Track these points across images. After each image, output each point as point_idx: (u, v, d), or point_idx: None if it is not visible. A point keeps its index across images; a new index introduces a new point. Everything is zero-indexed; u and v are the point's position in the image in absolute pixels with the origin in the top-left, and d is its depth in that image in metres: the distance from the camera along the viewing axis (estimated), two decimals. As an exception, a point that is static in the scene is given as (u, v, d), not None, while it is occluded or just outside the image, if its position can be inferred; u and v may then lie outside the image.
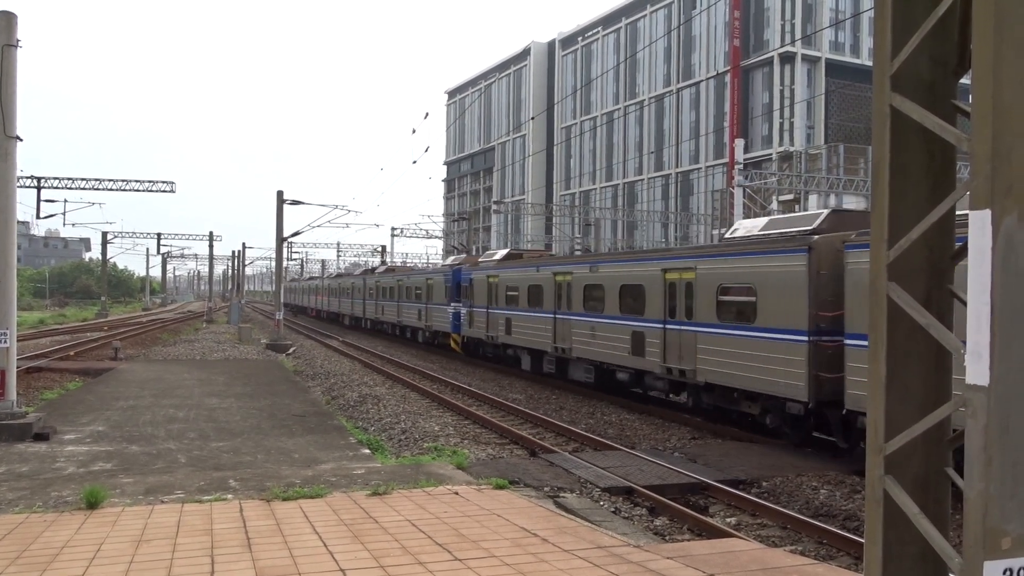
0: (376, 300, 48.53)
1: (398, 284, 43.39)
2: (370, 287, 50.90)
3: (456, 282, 33.03)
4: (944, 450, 3.47)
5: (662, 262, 18.32)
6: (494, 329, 28.57)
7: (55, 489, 9.28)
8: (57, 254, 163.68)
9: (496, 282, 28.79)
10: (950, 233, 3.46)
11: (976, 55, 2.87)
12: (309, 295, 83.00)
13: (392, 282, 44.53)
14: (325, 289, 71.97)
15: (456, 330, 33.29)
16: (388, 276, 46.92)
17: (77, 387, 20.23)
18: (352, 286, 57.62)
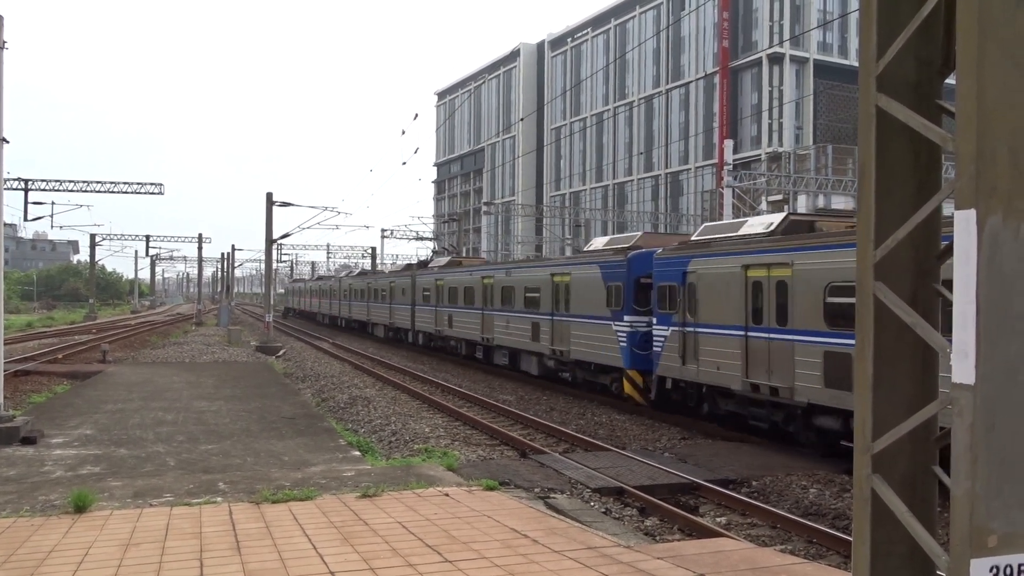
0: (456, 306, 32.07)
1: (485, 283, 29.10)
2: (430, 287, 35.34)
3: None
4: (931, 449, 3.49)
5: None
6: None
7: (43, 493, 9.22)
8: (45, 257, 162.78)
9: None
10: (936, 232, 3.48)
11: (960, 56, 2.88)
12: (321, 298, 69.48)
13: (473, 281, 30.29)
14: (347, 291, 55.39)
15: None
16: (459, 273, 32.76)
17: (65, 390, 20.11)
18: (395, 287, 41.26)
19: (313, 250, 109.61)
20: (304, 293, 73.64)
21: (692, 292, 17.06)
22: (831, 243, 13.50)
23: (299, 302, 79.10)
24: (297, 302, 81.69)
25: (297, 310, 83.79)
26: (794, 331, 14.07)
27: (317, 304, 63.96)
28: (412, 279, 38.35)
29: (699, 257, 16.94)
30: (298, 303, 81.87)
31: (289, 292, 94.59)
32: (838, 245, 13.28)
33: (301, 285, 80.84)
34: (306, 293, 70.79)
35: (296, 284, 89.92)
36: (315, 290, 65.48)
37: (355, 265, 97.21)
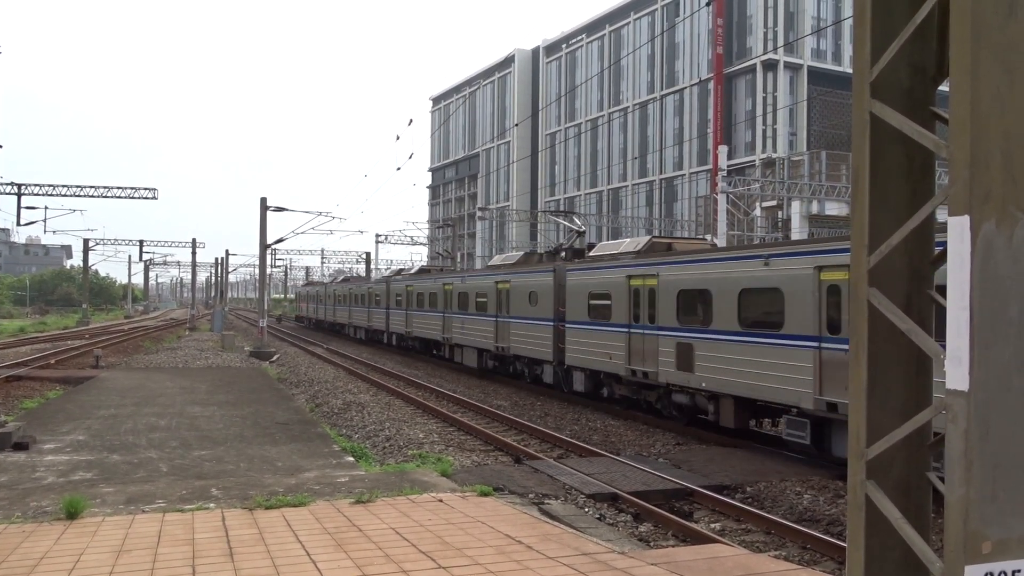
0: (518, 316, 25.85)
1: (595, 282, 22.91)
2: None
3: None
4: (925, 455, 3.49)
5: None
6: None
7: (34, 499, 9.17)
8: (38, 261, 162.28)
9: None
10: (930, 239, 3.48)
11: (954, 62, 2.89)
12: (354, 305, 50.96)
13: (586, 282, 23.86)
14: (402, 296, 39.12)
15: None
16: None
17: (57, 396, 20.03)
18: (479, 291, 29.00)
19: (307, 255, 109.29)
20: (325, 299, 62.45)
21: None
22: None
23: (316, 310, 68.95)
24: (314, 310, 70.88)
25: (313, 320, 71.61)
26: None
27: (346, 314, 53.29)
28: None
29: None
30: (315, 311, 70.22)
31: (303, 298, 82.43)
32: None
33: (320, 290, 67.21)
34: (328, 299, 59.86)
35: (312, 289, 75.36)
36: (345, 295, 53.41)
37: (350, 270, 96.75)
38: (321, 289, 65.29)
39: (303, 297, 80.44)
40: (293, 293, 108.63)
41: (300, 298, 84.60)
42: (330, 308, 58.41)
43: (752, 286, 14.85)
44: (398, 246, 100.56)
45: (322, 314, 63.39)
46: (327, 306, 61.00)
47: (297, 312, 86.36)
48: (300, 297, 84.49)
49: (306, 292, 74.06)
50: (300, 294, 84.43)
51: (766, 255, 14.58)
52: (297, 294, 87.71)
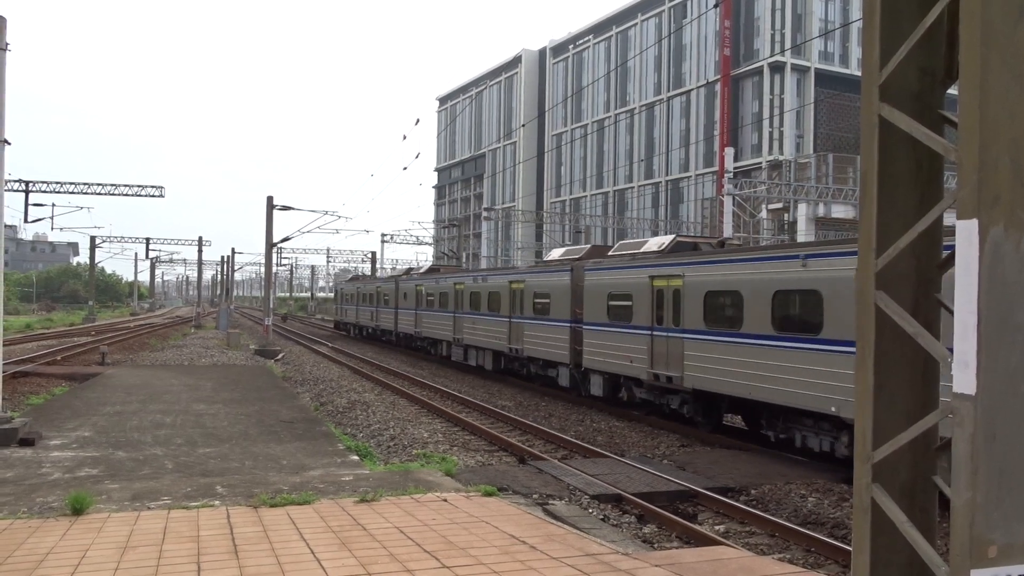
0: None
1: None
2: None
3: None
4: (931, 458, 3.48)
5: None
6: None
7: (40, 495, 9.20)
8: (45, 258, 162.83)
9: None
10: (937, 242, 3.48)
11: (963, 66, 2.89)
12: (435, 309, 35.12)
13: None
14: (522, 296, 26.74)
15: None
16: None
17: (63, 392, 20.09)
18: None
19: (313, 254, 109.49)
20: (381, 299, 44.81)
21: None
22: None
23: (369, 316, 48.31)
24: (365, 315, 50.04)
25: (359, 326, 52.78)
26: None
27: (411, 320, 37.79)
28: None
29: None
30: (366, 317, 49.65)
31: (345, 297, 58.93)
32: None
33: (376, 287, 47.20)
34: (388, 298, 42.53)
35: (363, 286, 52.95)
36: (416, 293, 37.02)
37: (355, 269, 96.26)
38: (389, 285, 43.60)
39: (349, 296, 56.77)
40: (332, 291, 78.43)
41: (343, 297, 59.61)
42: (408, 313, 39.08)
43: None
44: (403, 246, 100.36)
45: (389, 321, 43.37)
46: (408, 311, 39.27)
47: (338, 316, 62.34)
48: (343, 296, 59.62)
49: (357, 290, 52.51)
50: (344, 292, 59.60)
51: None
52: (338, 292, 63.38)
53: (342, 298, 60.33)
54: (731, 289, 15.61)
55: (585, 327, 21.27)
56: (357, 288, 52.47)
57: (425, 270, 40.09)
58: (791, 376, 13.88)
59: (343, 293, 60.26)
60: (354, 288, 56.04)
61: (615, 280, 20.00)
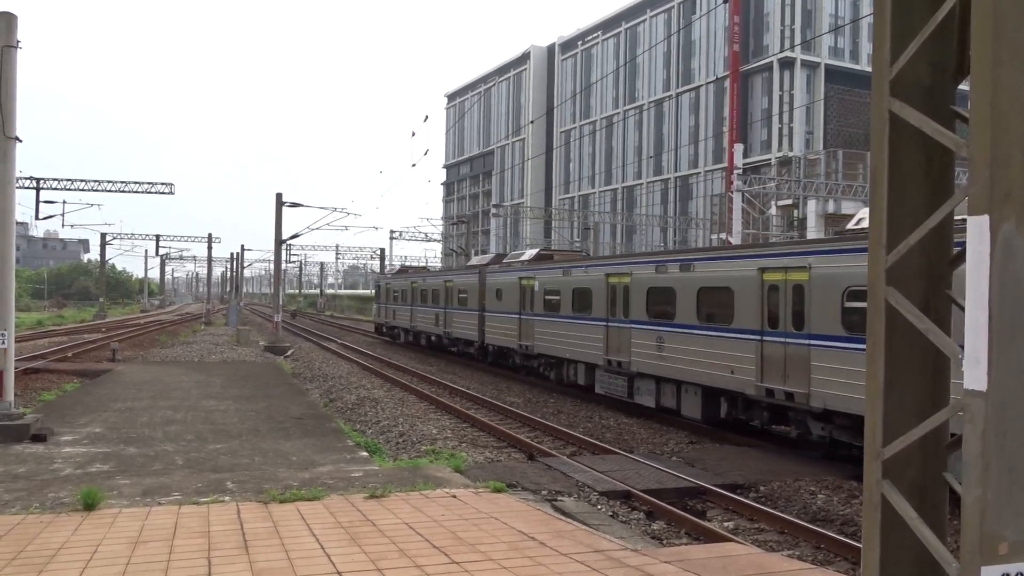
0: None
1: None
2: None
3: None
4: (942, 455, 3.47)
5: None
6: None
7: (52, 490, 9.26)
8: (56, 255, 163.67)
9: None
10: (948, 238, 3.47)
11: (975, 61, 2.88)
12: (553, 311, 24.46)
13: None
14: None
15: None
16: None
17: (75, 388, 20.21)
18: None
19: (322, 251, 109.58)
20: (453, 297, 33.64)
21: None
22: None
23: (433, 319, 36.39)
24: (425, 318, 38.10)
25: (416, 332, 40.40)
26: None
27: (511, 329, 27.19)
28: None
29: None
30: (427, 320, 37.72)
31: (391, 295, 45.67)
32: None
33: (444, 282, 35.52)
34: (467, 296, 31.96)
35: (420, 280, 40.23)
36: (522, 290, 26.76)
37: (364, 267, 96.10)
38: (467, 279, 32.16)
39: (399, 293, 43.65)
40: (373, 287, 60.20)
41: (389, 294, 46.11)
42: (505, 320, 27.86)
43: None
44: (412, 242, 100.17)
45: (467, 328, 31.74)
46: (505, 316, 27.91)
47: (381, 318, 48.30)
48: (389, 293, 46.10)
49: (411, 286, 40.17)
50: (390, 289, 45.74)
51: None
52: (381, 288, 48.83)
53: (387, 295, 46.50)
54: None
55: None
56: (411, 283, 40.52)
57: (531, 257, 28.17)
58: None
59: (389, 290, 46.26)
60: (406, 283, 42.00)
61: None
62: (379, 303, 49.39)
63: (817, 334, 13.68)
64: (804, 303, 14.06)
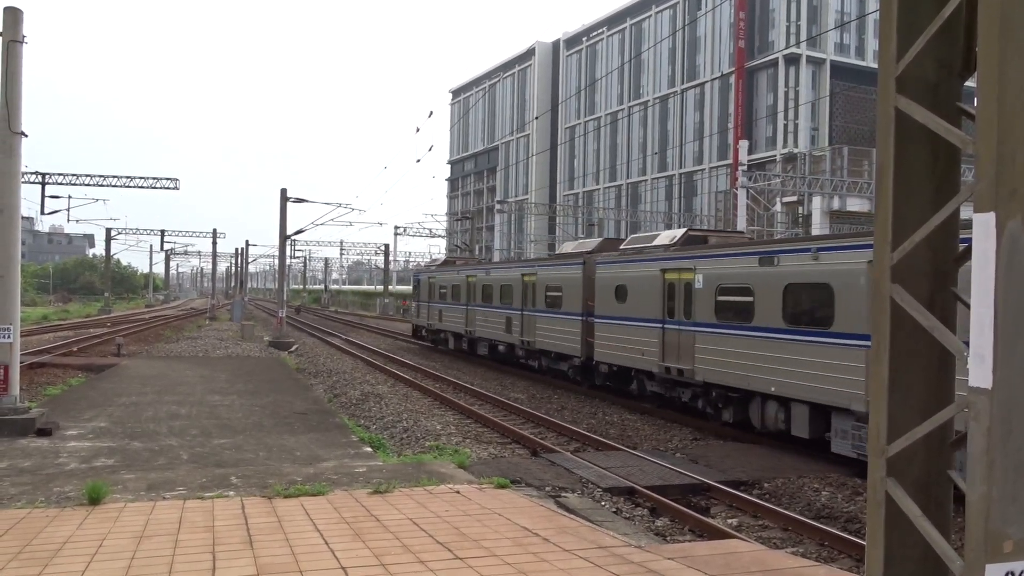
0: None
1: None
2: None
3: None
4: (946, 453, 3.47)
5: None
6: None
7: (57, 484, 9.30)
8: (61, 250, 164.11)
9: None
10: (954, 235, 3.46)
11: (982, 58, 2.87)
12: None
13: None
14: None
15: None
16: None
17: (80, 383, 20.26)
18: None
19: (326, 246, 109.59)
20: (527, 296, 26.75)
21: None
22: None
23: (501, 324, 28.86)
24: (487, 323, 30.33)
25: (473, 338, 32.22)
26: None
27: (651, 346, 18.62)
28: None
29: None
30: (490, 325, 30.04)
31: (436, 291, 37.17)
32: None
33: (519, 276, 27.59)
34: (564, 294, 23.99)
35: (480, 273, 31.91)
36: (668, 288, 18.31)
37: (368, 262, 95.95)
38: (557, 272, 24.98)
39: (447, 290, 35.50)
40: (412, 281, 46.00)
41: (435, 291, 37.25)
42: (622, 329, 20.31)
43: None
44: (416, 238, 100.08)
45: (554, 338, 24.65)
46: (622, 324, 20.31)
47: (419, 319, 40.17)
48: (435, 290, 37.28)
49: (466, 281, 32.83)
50: (435, 285, 37.13)
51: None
52: (422, 284, 39.78)
53: (430, 292, 36.95)
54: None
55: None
56: (467, 277, 32.12)
57: (678, 240, 19.61)
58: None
59: (433, 286, 36.60)
60: (458, 277, 33.37)
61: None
62: (418, 301, 39.76)
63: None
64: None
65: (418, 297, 40.07)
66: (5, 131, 12.86)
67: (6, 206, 13.01)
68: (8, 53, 12.87)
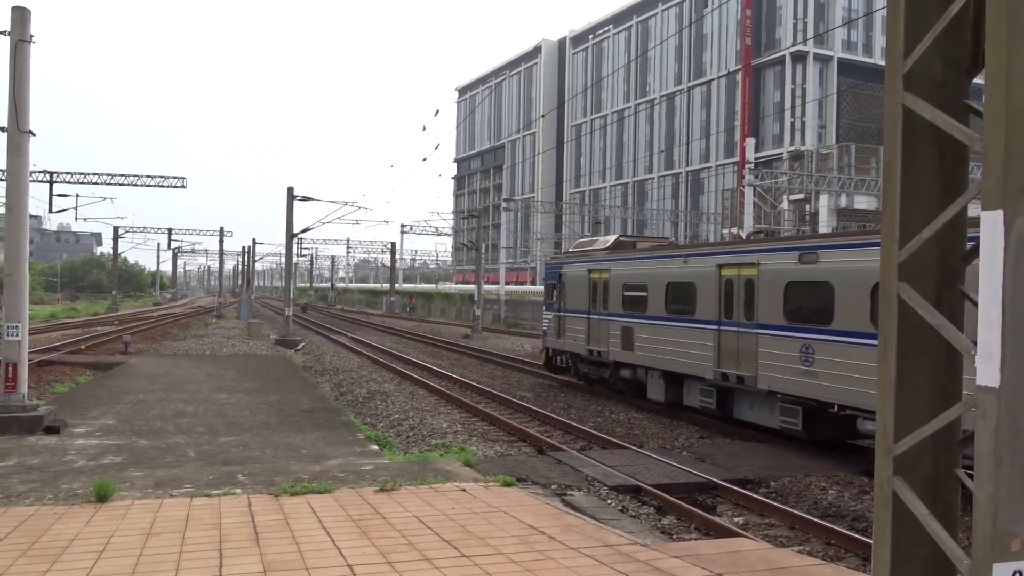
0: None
1: None
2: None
3: None
4: (954, 451, 3.46)
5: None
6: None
7: (65, 482, 9.33)
8: (69, 248, 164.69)
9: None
10: (961, 233, 3.44)
11: (989, 55, 2.85)
12: None
13: None
14: None
15: None
16: None
17: (87, 381, 20.34)
18: None
19: (333, 245, 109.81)
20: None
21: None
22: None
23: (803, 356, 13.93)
24: (743, 358, 15.48)
25: (721, 394, 16.45)
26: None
27: None
28: None
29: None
30: (769, 361, 14.69)
31: (602, 293, 20.84)
32: None
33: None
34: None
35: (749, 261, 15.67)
36: None
37: (375, 260, 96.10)
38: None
39: (633, 293, 19.65)
40: (545, 278, 26.68)
41: (600, 292, 21.11)
42: None
43: None
44: (423, 236, 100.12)
45: None
46: None
47: (561, 339, 23.48)
48: (601, 290, 21.10)
49: (702, 271, 17.02)
50: (603, 282, 20.97)
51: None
52: (571, 281, 22.80)
53: (593, 294, 21.88)
54: None
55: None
56: (738, 268, 16.13)
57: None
58: None
59: (610, 286, 20.80)
60: (700, 269, 17.18)
61: None
62: (562, 311, 23.52)
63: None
64: None
65: (557, 304, 23.83)
66: (13, 130, 12.91)
67: (15, 205, 13.05)
68: (16, 53, 12.91)
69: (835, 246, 13.88)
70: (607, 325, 20.58)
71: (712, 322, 16.76)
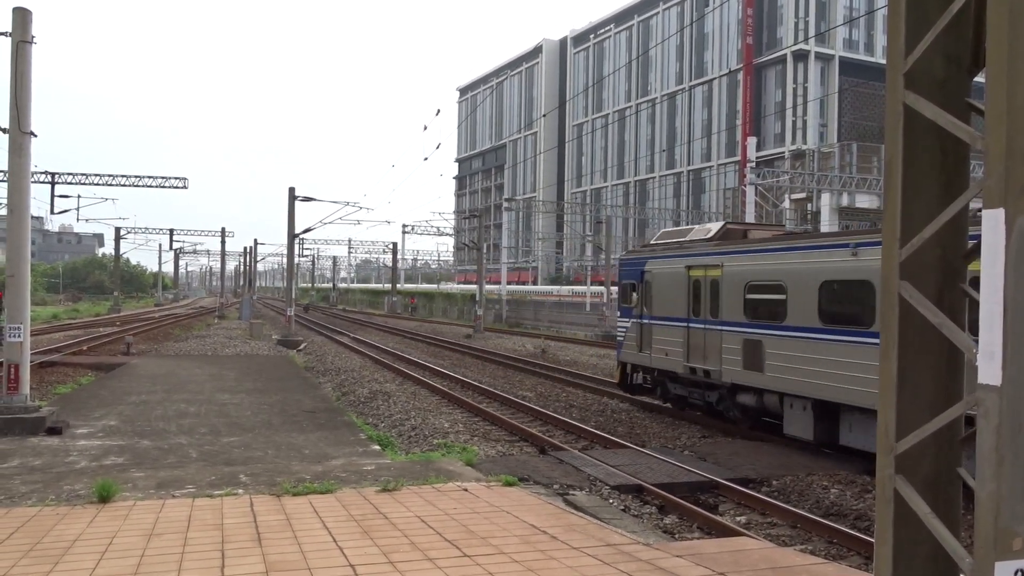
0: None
1: None
2: None
3: None
4: (955, 450, 3.45)
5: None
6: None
7: (67, 483, 9.34)
8: (71, 249, 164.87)
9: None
10: (963, 231, 3.44)
11: (991, 53, 2.85)
12: None
13: None
14: None
15: None
16: None
17: (90, 381, 20.35)
18: None
19: (334, 245, 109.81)
20: None
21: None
22: None
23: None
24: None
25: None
26: None
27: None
28: None
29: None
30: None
31: (724, 297, 15.65)
32: None
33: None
34: None
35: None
36: None
37: (376, 261, 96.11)
38: None
39: (779, 295, 14.41)
40: (621, 277, 20.70)
41: (707, 296, 16.27)
42: None
43: None
44: (424, 236, 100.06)
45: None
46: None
47: (646, 352, 18.59)
48: (705, 293, 16.37)
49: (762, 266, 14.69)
50: (715, 283, 16.05)
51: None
52: (661, 280, 17.94)
53: (695, 296, 16.82)
54: None
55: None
56: (825, 268, 13.30)
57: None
58: None
59: (706, 284, 16.46)
60: (813, 264, 13.48)
61: None
62: (646, 317, 18.97)
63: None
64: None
65: (646, 310, 18.98)
66: (15, 131, 12.92)
67: (16, 206, 13.07)
68: (17, 54, 12.92)
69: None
70: (719, 337, 15.95)
71: None
